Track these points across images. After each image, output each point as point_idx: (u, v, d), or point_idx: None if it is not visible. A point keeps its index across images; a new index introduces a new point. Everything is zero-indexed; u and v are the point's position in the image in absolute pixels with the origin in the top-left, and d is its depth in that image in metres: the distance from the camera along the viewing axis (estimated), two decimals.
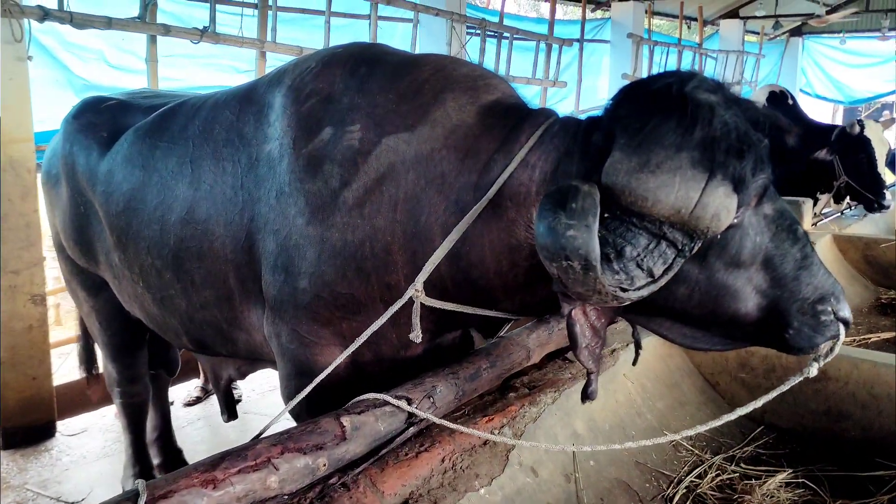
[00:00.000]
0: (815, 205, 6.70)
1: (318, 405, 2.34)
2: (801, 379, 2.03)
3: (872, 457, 2.70)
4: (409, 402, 2.17)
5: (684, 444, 2.82)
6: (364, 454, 2.05)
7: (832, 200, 7.01)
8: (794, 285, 1.89)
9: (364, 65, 2.37)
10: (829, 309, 1.91)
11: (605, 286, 1.74)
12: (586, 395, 2.10)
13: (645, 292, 1.81)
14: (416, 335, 2.17)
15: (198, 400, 5.85)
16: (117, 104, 3.31)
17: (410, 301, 2.14)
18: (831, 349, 1.97)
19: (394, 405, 2.12)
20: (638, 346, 2.39)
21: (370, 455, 2.07)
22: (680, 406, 3.03)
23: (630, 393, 2.90)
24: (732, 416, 2.05)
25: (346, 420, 1.99)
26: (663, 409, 2.96)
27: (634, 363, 2.43)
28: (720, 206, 1.75)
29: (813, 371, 2.00)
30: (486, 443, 2.30)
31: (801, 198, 5.73)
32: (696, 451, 2.78)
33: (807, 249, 1.92)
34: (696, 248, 1.80)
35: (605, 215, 1.82)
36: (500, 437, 2.25)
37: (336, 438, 1.94)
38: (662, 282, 1.81)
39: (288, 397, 2.50)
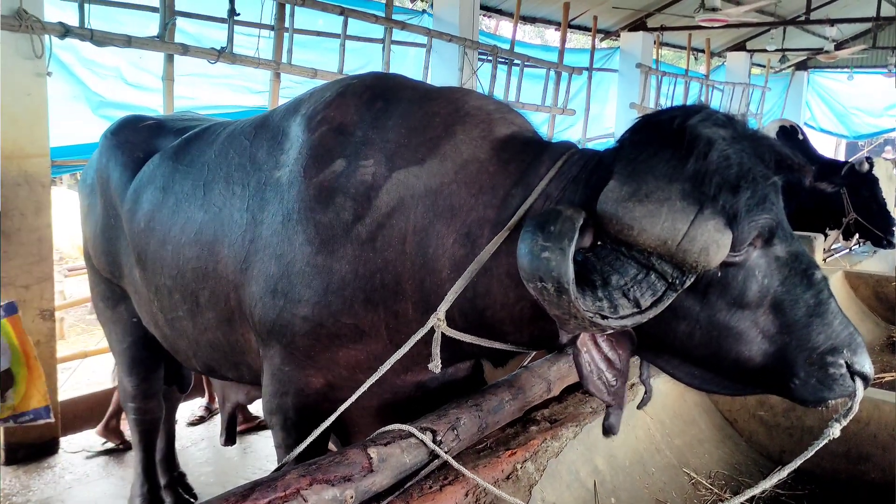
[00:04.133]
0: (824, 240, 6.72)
1: (307, 428, 2.34)
2: (826, 441, 1.90)
3: (892, 500, 2.68)
4: (434, 433, 2.15)
5: (703, 482, 2.79)
6: (389, 486, 2.03)
7: (841, 236, 7.03)
8: (804, 333, 1.81)
9: (381, 99, 2.38)
10: (841, 361, 1.81)
11: (580, 310, 1.74)
12: (605, 429, 2.11)
13: (629, 322, 1.79)
14: (436, 365, 2.15)
15: (201, 420, 5.81)
16: (154, 125, 3.38)
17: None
18: (850, 407, 1.85)
19: (418, 439, 2.10)
20: (647, 388, 2.36)
21: (395, 487, 2.05)
22: (698, 443, 3.01)
23: (649, 429, 2.88)
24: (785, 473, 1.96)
25: (373, 451, 1.97)
26: (681, 446, 2.94)
27: (640, 406, 2.41)
28: (709, 240, 1.72)
29: (835, 432, 1.88)
30: (508, 476, 2.28)
31: (811, 233, 5.73)
32: (716, 490, 2.76)
33: (822, 296, 1.84)
34: (687, 283, 1.77)
35: (598, 243, 1.84)
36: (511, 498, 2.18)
37: (363, 470, 1.92)
38: (651, 313, 1.78)
39: (270, 412, 2.55)
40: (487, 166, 2.17)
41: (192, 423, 5.73)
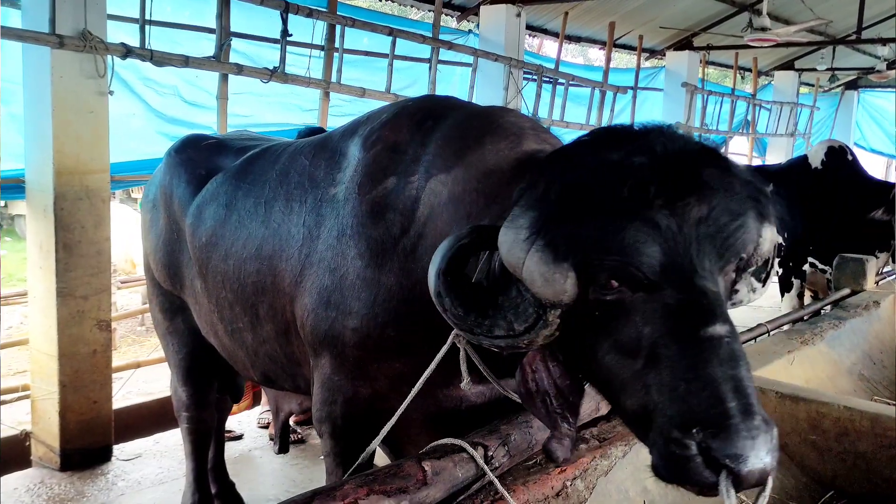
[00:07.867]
0: None
1: (355, 436, 2.47)
2: None
3: None
4: (486, 448, 2.18)
5: None
6: (441, 499, 2.07)
7: (891, 259, 6.89)
8: (668, 396, 1.54)
9: (430, 119, 2.44)
10: (689, 442, 1.46)
11: (454, 321, 1.82)
12: (546, 453, 1.95)
13: (501, 343, 1.78)
14: (467, 382, 2.15)
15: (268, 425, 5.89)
16: (215, 143, 3.51)
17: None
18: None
19: (470, 454, 2.14)
20: None
21: (447, 501, 2.08)
22: None
23: None
24: None
25: (427, 465, 2.01)
26: None
27: None
28: (535, 273, 1.64)
29: None
30: (558, 494, 2.30)
31: (864, 255, 5.63)
32: None
33: (700, 358, 1.52)
34: (551, 314, 1.69)
35: None
36: None
37: (418, 483, 1.96)
38: (525, 339, 1.74)
39: (319, 420, 2.60)
40: (507, 177, 2.17)
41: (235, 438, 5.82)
